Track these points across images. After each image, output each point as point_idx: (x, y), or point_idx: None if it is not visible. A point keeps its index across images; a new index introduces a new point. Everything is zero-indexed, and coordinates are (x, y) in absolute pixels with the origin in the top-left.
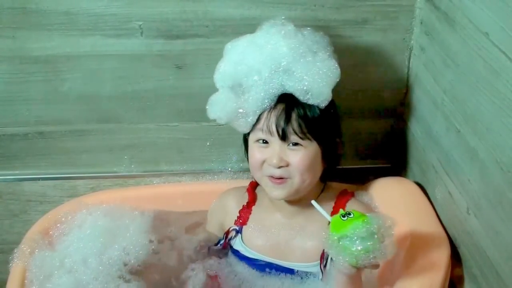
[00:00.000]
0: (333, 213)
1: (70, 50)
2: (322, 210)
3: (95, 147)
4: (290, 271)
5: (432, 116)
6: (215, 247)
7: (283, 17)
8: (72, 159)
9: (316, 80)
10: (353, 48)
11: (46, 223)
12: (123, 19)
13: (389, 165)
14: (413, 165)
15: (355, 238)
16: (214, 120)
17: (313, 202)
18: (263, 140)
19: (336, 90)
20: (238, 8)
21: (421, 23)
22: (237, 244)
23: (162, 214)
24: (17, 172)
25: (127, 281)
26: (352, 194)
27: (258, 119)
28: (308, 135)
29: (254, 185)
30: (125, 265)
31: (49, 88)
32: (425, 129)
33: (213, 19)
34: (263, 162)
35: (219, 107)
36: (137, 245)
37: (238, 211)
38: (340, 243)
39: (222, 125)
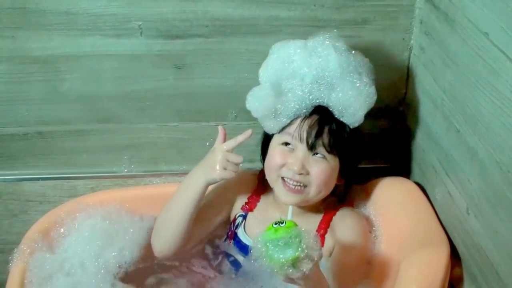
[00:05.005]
0: (321, 223)
1: (70, 50)
2: (290, 215)
3: (94, 147)
4: None
5: (431, 116)
6: (224, 243)
7: (335, 30)
8: (72, 159)
9: (355, 101)
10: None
11: (46, 223)
12: (123, 19)
13: (389, 165)
14: (413, 165)
15: (278, 244)
16: (214, 120)
17: (290, 207)
18: (288, 144)
19: None
20: (238, 8)
21: (421, 23)
22: (240, 231)
23: None
24: (16, 172)
25: (123, 284)
26: (348, 203)
27: (289, 124)
28: (334, 150)
29: (264, 175)
30: (121, 267)
31: (49, 88)
32: (425, 129)
33: (213, 19)
34: (283, 165)
35: (258, 99)
36: (135, 246)
37: (247, 196)
38: (264, 248)
39: (222, 125)
